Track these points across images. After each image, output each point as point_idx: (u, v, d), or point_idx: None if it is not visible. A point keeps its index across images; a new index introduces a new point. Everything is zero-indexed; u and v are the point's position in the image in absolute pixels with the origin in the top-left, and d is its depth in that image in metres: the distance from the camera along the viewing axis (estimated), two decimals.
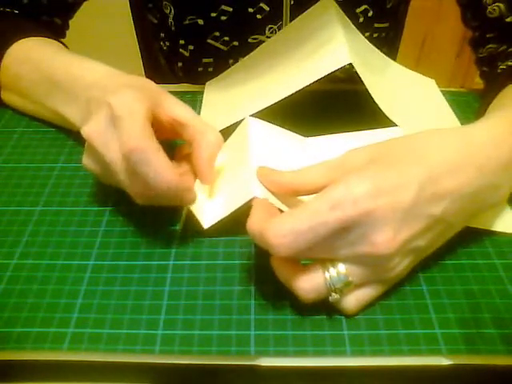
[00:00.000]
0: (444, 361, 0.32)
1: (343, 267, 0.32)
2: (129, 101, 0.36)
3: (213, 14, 0.57)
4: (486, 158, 0.35)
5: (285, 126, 0.44)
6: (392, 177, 0.32)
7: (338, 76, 0.45)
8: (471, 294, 0.36)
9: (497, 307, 0.35)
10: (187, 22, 0.59)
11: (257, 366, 0.31)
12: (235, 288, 0.36)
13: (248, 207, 0.34)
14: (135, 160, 0.34)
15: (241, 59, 0.59)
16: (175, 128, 0.40)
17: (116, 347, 0.33)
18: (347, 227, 0.31)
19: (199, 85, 0.57)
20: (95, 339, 0.33)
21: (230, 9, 0.57)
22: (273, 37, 0.55)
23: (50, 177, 0.46)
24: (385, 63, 0.54)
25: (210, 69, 0.63)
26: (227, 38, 0.60)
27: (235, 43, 0.60)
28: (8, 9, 0.55)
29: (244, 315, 0.35)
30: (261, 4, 0.56)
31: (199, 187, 0.40)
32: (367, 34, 0.61)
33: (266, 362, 0.32)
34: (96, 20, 1.13)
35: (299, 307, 0.35)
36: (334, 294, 0.33)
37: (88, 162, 0.40)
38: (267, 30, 0.59)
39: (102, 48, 1.08)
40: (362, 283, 0.33)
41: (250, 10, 0.57)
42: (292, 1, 0.57)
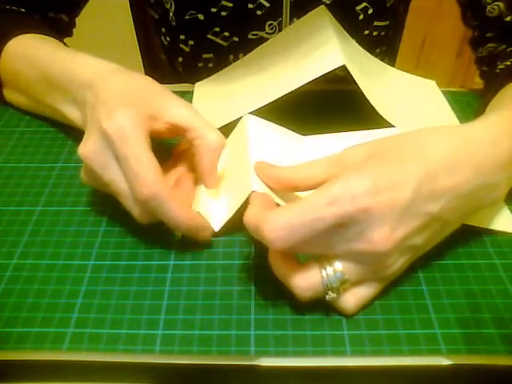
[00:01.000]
0: (444, 361, 0.32)
1: (340, 265, 0.32)
2: (126, 128, 0.35)
3: (213, 10, 0.57)
4: (484, 157, 0.35)
5: (284, 126, 0.44)
6: (390, 174, 0.32)
7: (339, 74, 0.45)
8: (471, 294, 0.36)
9: (497, 307, 0.35)
10: (188, 17, 0.59)
11: (257, 366, 0.31)
12: (235, 288, 0.36)
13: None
14: (152, 206, 0.35)
15: (241, 55, 0.59)
16: (175, 130, 0.39)
17: (116, 347, 0.33)
18: (344, 223, 0.31)
19: None
20: (95, 339, 0.33)
21: (231, 4, 0.57)
22: (266, 41, 0.55)
23: (50, 177, 0.46)
24: (380, 68, 0.54)
25: (210, 64, 0.63)
26: (227, 34, 0.59)
27: (235, 39, 0.60)
28: (14, 7, 0.55)
29: (244, 315, 0.35)
30: (261, 0, 0.56)
31: (204, 189, 0.40)
32: (367, 32, 0.61)
33: (266, 362, 0.32)
34: (95, 17, 1.12)
35: (299, 307, 0.35)
36: (331, 293, 0.33)
37: (86, 179, 0.40)
38: (267, 26, 0.59)
39: (102, 45, 1.08)
40: (359, 281, 0.33)
41: (250, 6, 0.57)
42: None
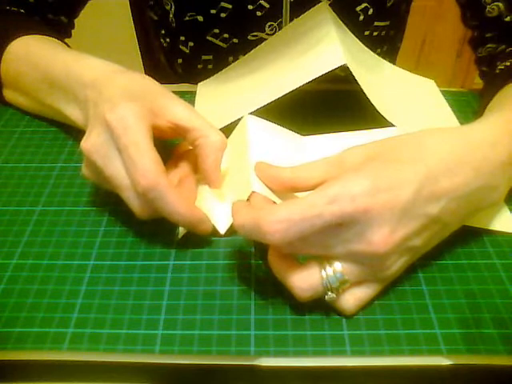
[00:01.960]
0: (444, 361, 0.32)
1: (339, 265, 0.32)
2: (128, 120, 0.36)
3: (212, 11, 0.57)
4: (483, 159, 0.35)
5: (284, 126, 0.44)
6: (390, 175, 0.32)
7: (339, 74, 0.45)
8: (471, 294, 0.36)
9: (497, 307, 0.35)
10: (187, 19, 0.59)
11: (257, 366, 0.31)
12: (235, 288, 0.36)
13: None
14: (151, 197, 0.35)
15: (240, 57, 0.59)
16: (177, 130, 0.39)
17: (116, 347, 0.33)
18: (343, 223, 0.31)
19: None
20: (95, 339, 0.33)
21: (230, 6, 0.57)
22: (267, 40, 0.55)
23: (50, 177, 0.46)
24: (381, 65, 0.54)
25: (210, 66, 0.63)
26: (227, 35, 0.59)
27: (235, 40, 0.60)
28: (14, 8, 0.55)
29: (244, 315, 0.35)
30: (260, 1, 0.56)
31: (207, 191, 0.40)
32: (367, 33, 0.61)
33: (266, 362, 0.32)
34: (96, 18, 1.12)
35: (299, 307, 0.35)
36: (330, 293, 0.33)
37: (87, 173, 0.40)
38: (267, 28, 0.59)
39: (102, 46, 1.08)
40: (358, 282, 0.33)
41: (250, 7, 0.57)
42: None
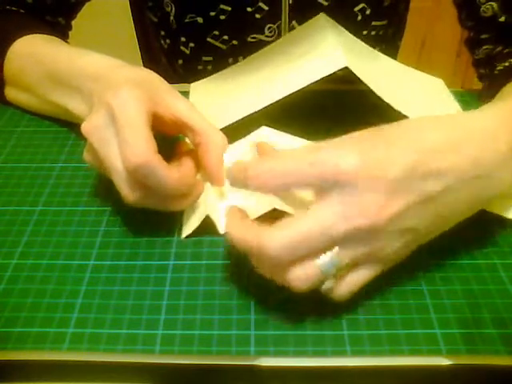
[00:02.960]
0: (444, 361, 0.32)
1: (336, 250, 0.31)
2: (128, 102, 0.36)
3: (212, 13, 0.57)
4: (481, 150, 0.34)
5: (284, 126, 0.44)
6: (379, 152, 0.31)
7: (339, 75, 0.45)
8: (471, 294, 0.36)
9: (497, 307, 0.35)
10: (188, 20, 0.59)
11: (257, 366, 0.31)
12: (235, 288, 0.36)
13: None
14: (141, 174, 0.35)
15: (240, 59, 0.59)
16: (176, 123, 0.40)
17: (116, 347, 0.33)
18: (327, 188, 0.31)
19: None
20: (95, 339, 0.33)
21: (229, 8, 0.57)
22: (266, 47, 0.55)
23: (50, 177, 0.46)
24: (387, 63, 0.54)
25: (210, 67, 0.63)
26: (226, 37, 0.60)
27: (234, 42, 0.60)
28: (14, 7, 0.55)
29: (244, 315, 0.35)
30: (260, 3, 0.56)
31: (210, 191, 0.40)
32: (365, 32, 0.61)
33: (266, 362, 0.32)
34: (96, 19, 1.13)
35: (299, 307, 0.35)
36: (328, 282, 0.32)
37: (87, 156, 0.40)
38: (266, 30, 0.59)
39: (102, 47, 1.07)
40: (355, 264, 0.32)
41: (249, 10, 0.57)
42: (291, 0, 0.57)
